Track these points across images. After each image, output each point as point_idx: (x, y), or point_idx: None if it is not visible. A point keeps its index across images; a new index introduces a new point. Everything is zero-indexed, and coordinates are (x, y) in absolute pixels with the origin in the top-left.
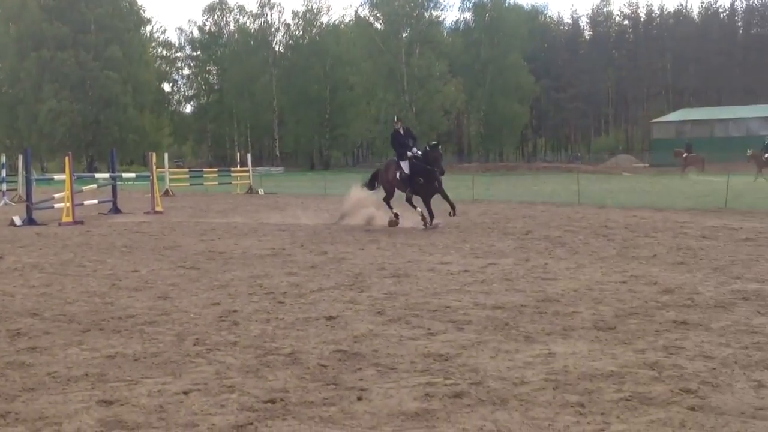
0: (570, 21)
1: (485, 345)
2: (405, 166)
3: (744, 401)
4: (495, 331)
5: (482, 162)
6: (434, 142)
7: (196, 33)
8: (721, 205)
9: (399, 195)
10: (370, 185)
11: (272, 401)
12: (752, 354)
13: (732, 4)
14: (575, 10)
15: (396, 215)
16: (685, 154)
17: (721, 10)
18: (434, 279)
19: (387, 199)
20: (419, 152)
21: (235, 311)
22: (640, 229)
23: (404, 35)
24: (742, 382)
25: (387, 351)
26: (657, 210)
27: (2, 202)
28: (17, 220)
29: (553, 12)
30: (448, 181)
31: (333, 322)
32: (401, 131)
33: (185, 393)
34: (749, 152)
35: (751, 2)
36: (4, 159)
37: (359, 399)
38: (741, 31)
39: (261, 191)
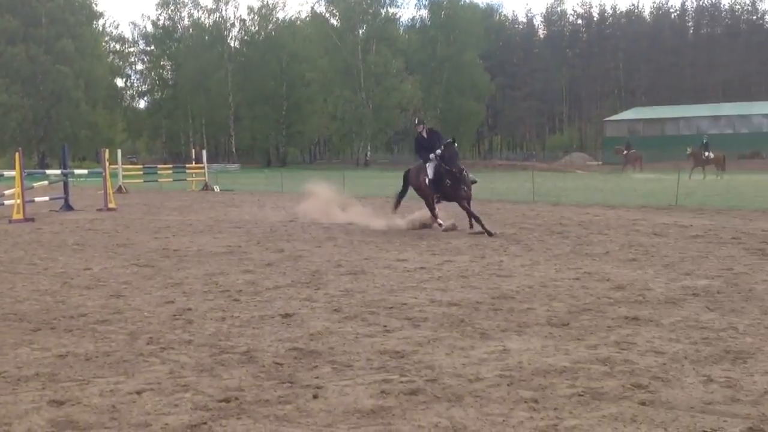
0: (524, 20)
1: (441, 342)
2: (430, 169)
3: (693, 396)
4: (451, 328)
5: None
6: (449, 140)
7: (149, 27)
8: (672, 203)
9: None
10: (403, 189)
11: (227, 400)
12: (701, 349)
13: (683, 5)
14: (530, 9)
15: (452, 224)
16: (624, 152)
17: (672, 11)
18: (391, 276)
19: (428, 205)
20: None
21: (189, 309)
22: (594, 226)
23: (360, 32)
24: (691, 377)
25: (343, 348)
26: (610, 207)
27: None
28: None
29: (507, 11)
30: (399, 179)
31: (289, 320)
32: (424, 134)
33: (138, 393)
34: (689, 150)
35: (701, 3)
36: None
37: (315, 397)
38: (691, 31)
39: (216, 188)
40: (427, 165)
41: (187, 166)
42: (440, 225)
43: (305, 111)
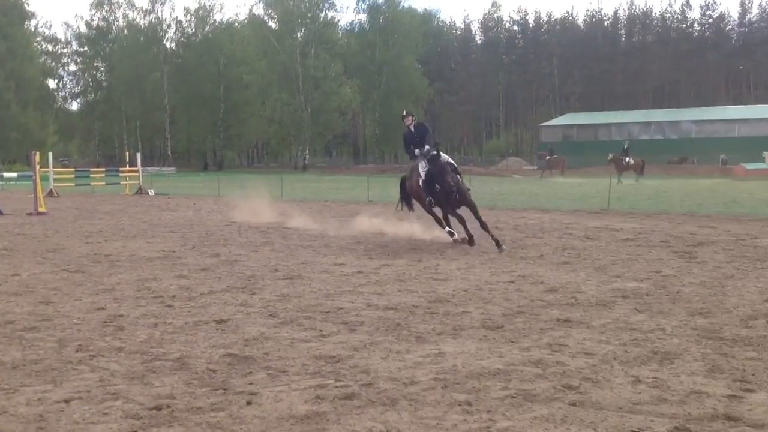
0: (462, 26)
1: (377, 346)
2: (421, 169)
3: (622, 396)
4: (387, 332)
5: (378, 163)
6: (434, 152)
7: (83, 28)
8: (604, 207)
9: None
10: (402, 197)
11: (158, 408)
12: (630, 350)
13: (615, 13)
14: (467, 15)
15: (450, 233)
16: (547, 157)
17: (605, 18)
18: (328, 280)
19: (426, 210)
20: (428, 148)
21: (121, 316)
22: (529, 230)
23: (299, 35)
24: (620, 377)
25: (278, 354)
26: (544, 211)
27: None
28: None
29: (445, 16)
30: (343, 183)
31: (223, 326)
32: (411, 128)
33: (66, 401)
34: (610, 156)
35: (633, 11)
36: None
37: (248, 403)
38: (623, 39)
39: (151, 192)
40: (418, 165)
41: (120, 169)
42: (451, 234)
43: (243, 114)
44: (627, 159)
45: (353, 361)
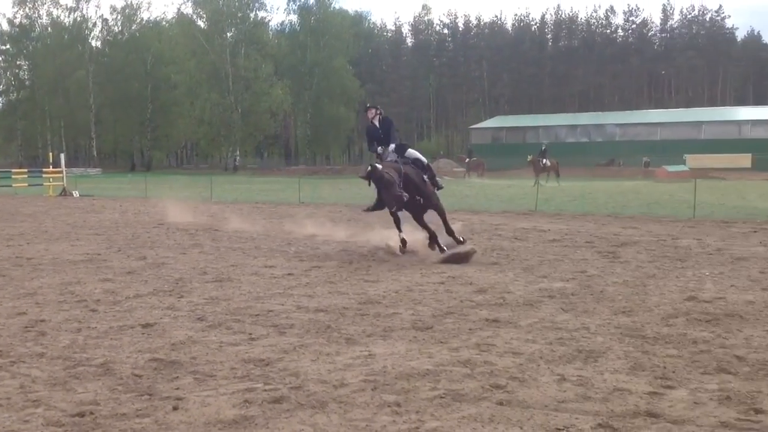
0: (393, 28)
1: (307, 348)
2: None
3: (548, 395)
4: (317, 335)
5: (309, 165)
6: (397, 161)
7: (5, 26)
8: (532, 208)
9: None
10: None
11: (81, 414)
12: (556, 349)
13: (542, 18)
14: (398, 18)
15: (403, 241)
16: (467, 160)
17: (532, 23)
18: (258, 283)
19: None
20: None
21: (43, 321)
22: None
23: (229, 35)
24: (546, 376)
25: (206, 358)
26: (474, 213)
27: None
28: None
29: (376, 18)
30: (274, 184)
31: (149, 330)
32: (376, 123)
33: None
34: (529, 158)
35: (559, 16)
36: None
37: (175, 409)
38: (550, 43)
39: (76, 193)
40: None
41: (44, 170)
42: (401, 244)
43: (171, 114)
44: (544, 161)
45: (283, 364)
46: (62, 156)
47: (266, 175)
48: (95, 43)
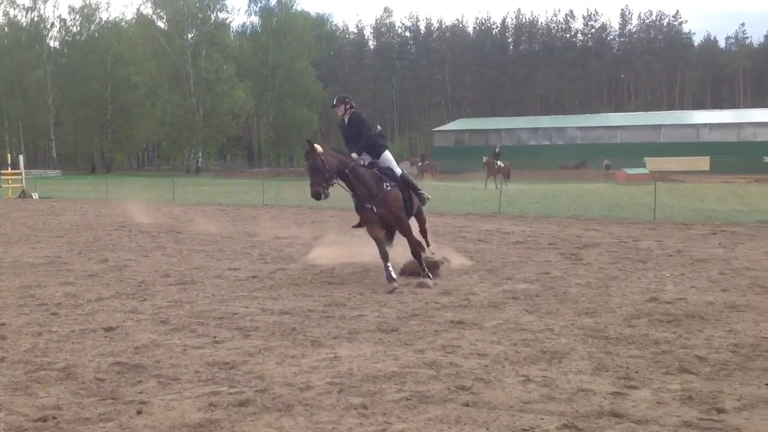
0: (355, 30)
1: (272, 351)
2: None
3: (513, 395)
4: (282, 337)
5: (273, 167)
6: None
7: None
8: (495, 211)
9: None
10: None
11: (43, 419)
12: (521, 350)
13: (503, 22)
14: (360, 20)
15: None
16: (419, 162)
17: (493, 27)
18: (222, 285)
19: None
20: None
21: (2, 324)
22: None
23: (189, 36)
24: (511, 377)
25: (170, 361)
26: (438, 215)
27: None
28: None
29: (338, 20)
30: (238, 186)
31: (112, 334)
32: (345, 120)
33: None
34: (484, 159)
35: (520, 20)
36: None
37: (139, 413)
38: (511, 47)
39: (35, 195)
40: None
41: (2, 172)
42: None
43: (132, 115)
44: (498, 162)
45: (248, 367)
46: (21, 157)
47: (229, 177)
48: (53, 43)
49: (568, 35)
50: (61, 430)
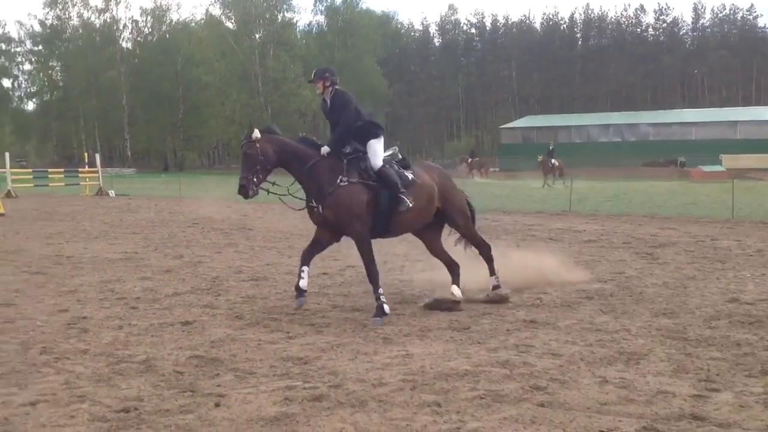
0: (420, 28)
1: (344, 347)
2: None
3: (589, 397)
4: (354, 334)
5: None
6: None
7: (37, 27)
8: (566, 209)
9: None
10: None
11: (126, 410)
12: (596, 351)
13: (571, 17)
14: (425, 18)
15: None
16: (469, 160)
17: (561, 22)
18: (293, 282)
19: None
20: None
21: (84, 318)
22: (492, 231)
23: (257, 36)
24: (587, 378)
25: (245, 356)
26: (507, 213)
27: None
28: None
29: (404, 18)
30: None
31: (189, 328)
32: (327, 100)
33: (32, 404)
34: (539, 158)
35: (589, 15)
36: None
37: (217, 405)
38: (580, 42)
39: (112, 193)
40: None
41: (80, 170)
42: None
43: (203, 115)
44: (553, 161)
45: (321, 363)
46: (97, 156)
47: None
48: (126, 44)
49: (638, 30)
50: (142, 422)
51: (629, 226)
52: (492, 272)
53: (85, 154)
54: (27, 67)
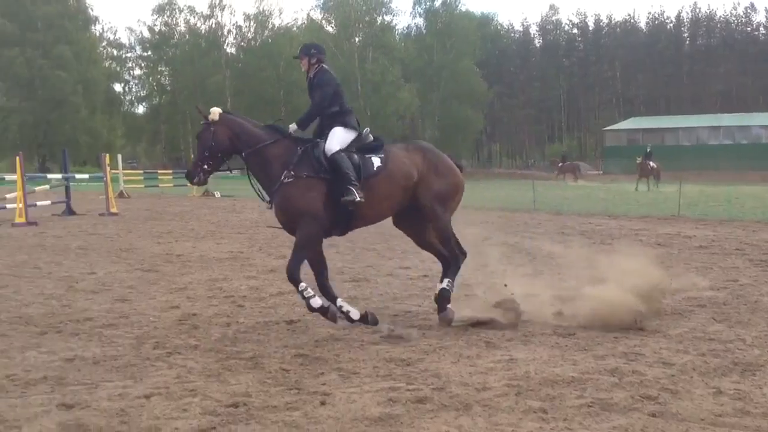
0: (521, 29)
1: (447, 350)
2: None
3: (703, 408)
4: (456, 337)
5: None
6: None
7: (146, 33)
8: (675, 213)
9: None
10: None
11: (235, 405)
12: (710, 361)
13: (678, 16)
14: (525, 19)
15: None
16: (560, 164)
17: (667, 21)
18: (394, 284)
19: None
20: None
21: (194, 315)
22: (596, 235)
23: (357, 39)
24: (700, 388)
25: (349, 356)
26: (612, 217)
27: None
28: None
29: (503, 19)
30: None
31: (294, 326)
32: (312, 77)
33: (147, 397)
34: (639, 159)
35: (696, 14)
36: None
37: (322, 404)
38: (687, 42)
39: (217, 194)
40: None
41: None
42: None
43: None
44: (651, 163)
45: (424, 365)
46: None
47: None
48: (230, 49)
49: (749, 29)
50: (251, 417)
51: (742, 231)
52: (447, 276)
53: (192, 155)
54: (137, 72)
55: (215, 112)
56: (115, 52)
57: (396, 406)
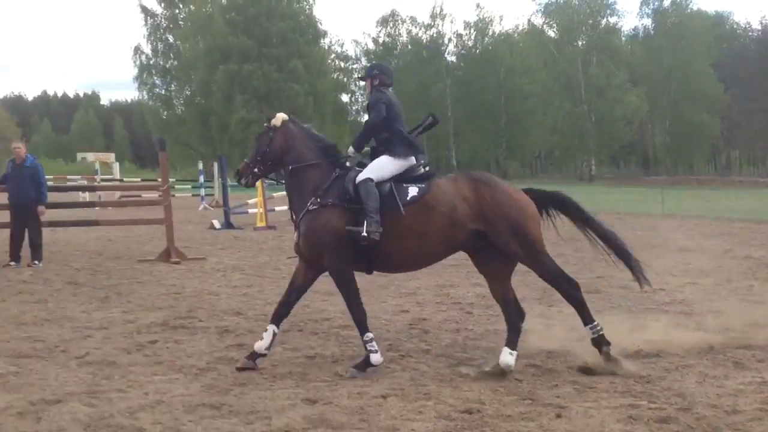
0: (759, 27)
1: (690, 369)
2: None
3: None
4: (699, 356)
5: (670, 175)
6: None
7: (370, 45)
8: None
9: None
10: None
11: (469, 412)
12: None
13: None
14: (764, 17)
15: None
16: None
17: None
18: (627, 296)
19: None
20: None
21: (424, 319)
22: None
23: (580, 43)
24: None
25: None
26: None
27: (201, 206)
28: (216, 224)
29: (740, 18)
30: (632, 195)
31: (523, 336)
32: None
33: (383, 397)
34: None
35: None
36: (201, 166)
37: (558, 416)
38: None
39: None
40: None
41: None
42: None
43: (525, 124)
44: None
45: (666, 383)
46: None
47: (624, 184)
48: (450, 57)
49: None
50: (485, 424)
51: None
52: (587, 320)
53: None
54: (362, 83)
55: (279, 117)
56: (342, 64)
57: (637, 424)
